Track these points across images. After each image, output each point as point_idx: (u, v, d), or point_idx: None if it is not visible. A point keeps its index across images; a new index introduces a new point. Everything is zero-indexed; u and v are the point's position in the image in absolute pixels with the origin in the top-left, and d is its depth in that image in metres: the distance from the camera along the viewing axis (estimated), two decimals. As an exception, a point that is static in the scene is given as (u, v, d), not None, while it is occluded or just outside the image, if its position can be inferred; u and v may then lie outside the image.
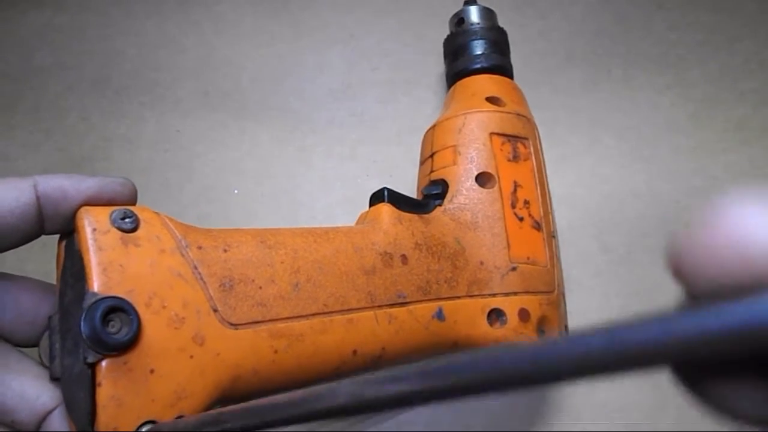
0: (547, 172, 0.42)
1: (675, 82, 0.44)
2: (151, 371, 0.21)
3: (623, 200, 0.41)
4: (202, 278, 0.23)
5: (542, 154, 0.36)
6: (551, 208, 0.35)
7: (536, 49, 0.46)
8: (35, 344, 0.26)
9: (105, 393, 0.21)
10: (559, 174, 0.42)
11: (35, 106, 0.44)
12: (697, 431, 0.36)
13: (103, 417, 0.21)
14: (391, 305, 0.28)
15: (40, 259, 0.40)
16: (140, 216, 0.23)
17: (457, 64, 0.39)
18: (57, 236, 0.26)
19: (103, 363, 0.21)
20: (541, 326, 0.32)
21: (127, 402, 0.21)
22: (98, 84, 0.45)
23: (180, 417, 0.22)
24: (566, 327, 0.34)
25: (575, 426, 0.36)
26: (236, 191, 0.42)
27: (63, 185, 0.23)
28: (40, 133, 0.43)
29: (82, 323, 0.21)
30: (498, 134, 0.34)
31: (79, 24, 0.47)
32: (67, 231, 0.24)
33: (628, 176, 0.42)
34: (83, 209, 0.23)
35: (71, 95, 0.44)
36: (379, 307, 0.28)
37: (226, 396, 0.23)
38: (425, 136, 0.37)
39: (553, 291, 0.32)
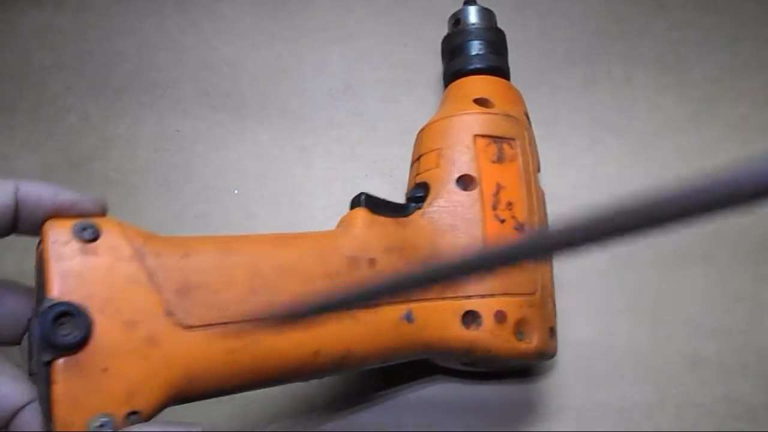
0: (547, 172, 0.42)
1: (675, 82, 0.44)
2: (104, 370, 0.23)
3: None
4: (158, 284, 0.25)
5: (534, 153, 0.36)
6: (542, 208, 0.35)
7: (536, 49, 0.45)
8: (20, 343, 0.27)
9: (58, 390, 0.23)
10: (559, 174, 0.42)
11: (35, 106, 0.44)
12: (697, 431, 0.36)
13: (57, 411, 0.22)
14: (356, 307, 0.28)
15: (40, 259, 0.40)
16: (101, 227, 0.25)
17: (452, 65, 0.39)
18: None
19: (58, 362, 0.23)
20: (520, 328, 0.31)
21: (80, 398, 0.23)
22: (98, 84, 0.45)
23: (134, 412, 0.23)
24: (552, 329, 0.33)
25: (575, 426, 0.36)
26: (236, 191, 0.42)
27: (41, 194, 0.24)
28: (40, 133, 0.43)
29: (36, 326, 0.23)
30: (483, 136, 0.34)
31: (79, 24, 0.47)
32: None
33: (629, 176, 0.42)
34: (48, 222, 0.25)
35: (71, 95, 0.44)
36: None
37: (183, 392, 0.25)
38: (415, 138, 0.37)
39: (534, 292, 0.32)
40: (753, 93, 0.44)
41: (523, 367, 0.37)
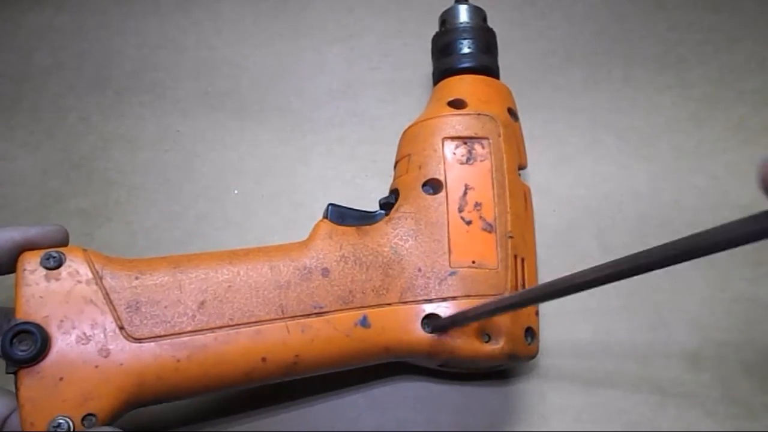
0: (547, 171, 0.42)
1: (675, 82, 0.44)
2: (61, 379, 0.27)
3: (623, 200, 0.41)
4: (111, 302, 0.29)
5: (513, 150, 0.35)
6: (521, 206, 0.34)
7: (537, 49, 0.45)
8: None
9: (22, 395, 0.27)
10: (559, 174, 0.42)
11: (35, 106, 0.44)
12: (697, 431, 0.36)
13: (22, 413, 0.27)
14: (306, 315, 0.31)
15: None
16: (66, 255, 0.29)
17: (438, 65, 0.39)
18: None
19: (21, 372, 0.27)
20: (485, 330, 0.31)
21: (40, 402, 0.27)
22: (98, 84, 0.45)
23: (90, 414, 0.27)
24: (530, 329, 0.33)
25: (575, 426, 0.36)
26: (236, 191, 0.42)
27: (13, 237, 0.29)
28: (40, 133, 0.43)
29: (0, 343, 0.27)
30: (452, 138, 0.34)
31: (78, 24, 0.47)
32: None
33: (629, 176, 0.42)
34: (22, 255, 0.29)
35: (71, 95, 0.44)
36: (292, 318, 0.30)
37: (137, 398, 0.28)
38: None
39: (501, 294, 0.31)
40: (753, 93, 0.44)
41: (500, 369, 0.36)
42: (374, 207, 0.35)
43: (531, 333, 0.33)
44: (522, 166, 0.36)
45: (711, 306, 0.39)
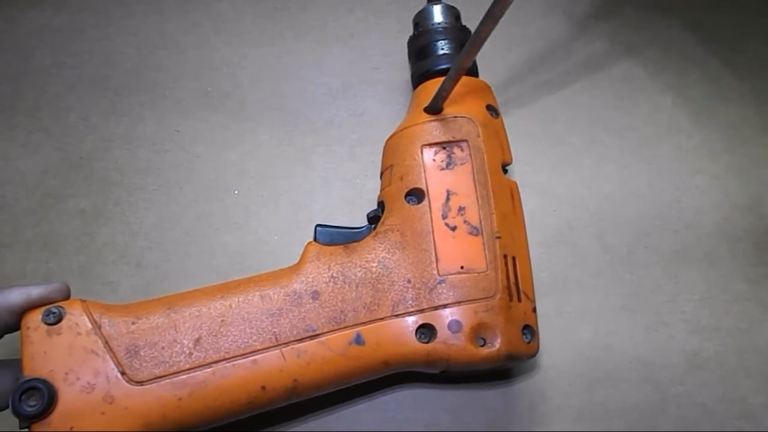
0: (547, 171, 0.42)
1: (675, 82, 0.44)
2: (71, 428, 0.28)
3: (623, 200, 0.41)
4: (111, 350, 0.30)
5: (495, 148, 0.34)
6: (508, 204, 0.34)
7: (536, 49, 0.45)
8: None
9: None
10: (560, 173, 0.42)
11: (35, 106, 0.44)
12: (697, 431, 0.36)
13: None
14: (300, 340, 0.31)
15: (39, 259, 0.40)
16: (66, 309, 0.30)
17: (415, 69, 0.38)
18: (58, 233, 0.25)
19: (33, 426, 0.28)
20: (480, 334, 0.31)
21: None
22: (98, 84, 0.45)
23: None
24: (527, 327, 0.32)
25: (575, 426, 0.36)
26: (236, 191, 0.42)
27: (15, 300, 0.30)
28: (40, 133, 0.43)
29: (11, 401, 0.28)
30: (430, 144, 0.34)
31: (78, 24, 0.47)
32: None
33: (629, 176, 0.42)
34: (24, 314, 0.30)
35: (71, 95, 0.44)
36: (286, 344, 0.31)
37: None
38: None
39: (493, 296, 0.31)
40: (753, 92, 0.44)
41: (502, 368, 0.36)
42: (374, 207, 0.35)
43: (530, 331, 0.33)
44: (506, 163, 0.35)
45: (711, 306, 0.39)
